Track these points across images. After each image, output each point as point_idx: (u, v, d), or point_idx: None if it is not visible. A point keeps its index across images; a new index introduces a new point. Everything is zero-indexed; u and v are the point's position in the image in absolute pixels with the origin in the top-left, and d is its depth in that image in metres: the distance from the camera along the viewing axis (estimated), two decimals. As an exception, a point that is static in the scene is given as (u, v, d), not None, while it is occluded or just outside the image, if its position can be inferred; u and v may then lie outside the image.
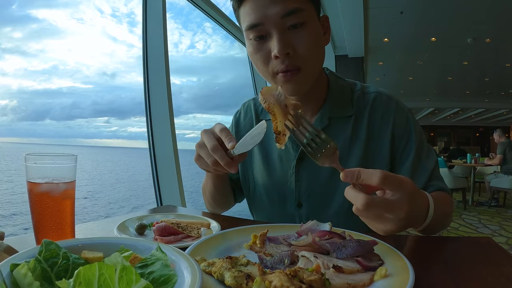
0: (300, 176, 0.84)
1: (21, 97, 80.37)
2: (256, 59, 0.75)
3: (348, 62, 5.83)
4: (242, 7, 0.73)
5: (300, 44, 0.71)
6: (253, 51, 0.75)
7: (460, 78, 8.65)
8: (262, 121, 0.63)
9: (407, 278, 0.41)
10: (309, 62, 0.74)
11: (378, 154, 0.81)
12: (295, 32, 0.71)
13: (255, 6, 0.70)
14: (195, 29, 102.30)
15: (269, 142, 0.89)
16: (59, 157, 0.56)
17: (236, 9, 0.76)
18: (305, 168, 0.84)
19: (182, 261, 0.39)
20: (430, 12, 4.42)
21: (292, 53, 0.71)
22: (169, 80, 2.16)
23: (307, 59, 0.73)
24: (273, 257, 0.48)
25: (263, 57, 0.73)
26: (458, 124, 19.47)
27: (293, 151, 0.85)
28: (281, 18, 0.69)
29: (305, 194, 0.84)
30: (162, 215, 0.76)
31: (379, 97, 0.83)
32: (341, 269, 0.44)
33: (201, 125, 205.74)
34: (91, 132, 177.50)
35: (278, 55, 0.70)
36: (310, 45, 0.72)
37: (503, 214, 4.94)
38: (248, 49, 0.77)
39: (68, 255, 0.37)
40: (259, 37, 0.72)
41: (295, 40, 0.71)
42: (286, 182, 0.86)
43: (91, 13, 54.21)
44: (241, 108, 1.02)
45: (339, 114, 0.83)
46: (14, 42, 70.31)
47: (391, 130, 0.80)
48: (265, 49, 0.73)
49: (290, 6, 0.69)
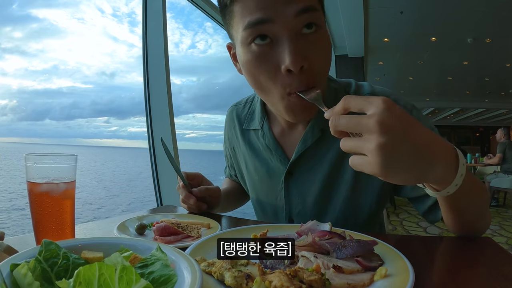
0: (290, 192, 0.78)
1: (21, 97, 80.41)
2: (258, 73, 0.58)
3: (348, 62, 5.83)
4: (238, 2, 0.57)
5: (314, 55, 0.57)
6: (254, 61, 0.57)
7: (460, 78, 8.64)
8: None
9: (407, 278, 0.41)
10: (324, 78, 0.61)
11: None
12: (308, 39, 0.56)
13: (260, 0, 0.55)
14: (196, 29, 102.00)
15: (258, 151, 0.83)
16: (59, 157, 0.56)
17: (228, 4, 0.59)
18: (294, 183, 0.77)
19: (182, 261, 0.39)
20: (430, 12, 4.42)
21: (306, 67, 0.56)
22: (169, 80, 2.16)
23: (322, 74, 0.60)
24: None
25: (269, 70, 0.57)
26: (458, 124, 19.45)
27: (281, 165, 0.78)
28: (294, 17, 0.55)
29: (295, 210, 0.78)
30: (162, 215, 0.76)
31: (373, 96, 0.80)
32: (341, 269, 0.44)
33: (200, 125, 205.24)
34: (91, 132, 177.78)
35: (292, 68, 0.54)
36: (325, 56, 0.59)
37: (503, 214, 4.94)
38: (245, 57, 0.59)
39: (68, 255, 0.37)
40: (262, 37, 0.56)
41: (308, 48, 0.56)
42: (276, 197, 0.81)
43: (92, 12, 54.25)
44: (227, 114, 0.94)
45: None
46: (14, 42, 70.19)
47: None
48: (271, 60, 0.57)
49: (304, 3, 0.55)
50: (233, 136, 0.91)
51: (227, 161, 1.03)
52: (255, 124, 0.82)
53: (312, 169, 0.75)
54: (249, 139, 0.85)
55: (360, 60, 5.87)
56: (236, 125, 0.88)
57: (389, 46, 5.94)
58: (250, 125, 0.85)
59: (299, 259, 0.48)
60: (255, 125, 0.82)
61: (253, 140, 0.84)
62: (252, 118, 0.85)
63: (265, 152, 0.81)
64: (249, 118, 0.85)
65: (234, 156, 0.94)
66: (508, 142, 5.34)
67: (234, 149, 0.93)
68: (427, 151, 0.42)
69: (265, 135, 0.79)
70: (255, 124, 0.82)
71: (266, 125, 0.80)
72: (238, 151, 0.91)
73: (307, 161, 0.75)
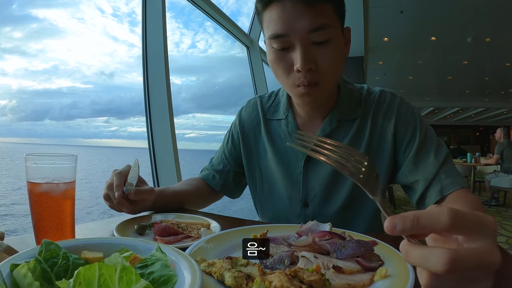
0: (307, 177, 0.85)
1: (21, 97, 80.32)
2: (277, 68, 0.75)
3: (348, 61, 5.67)
4: (267, 11, 0.72)
5: (323, 61, 0.71)
6: (275, 60, 0.75)
7: (460, 78, 8.65)
8: (135, 159, 0.73)
9: (407, 279, 0.41)
10: (328, 77, 0.74)
11: (380, 148, 0.82)
12: (319, 48, 0.70)
13: (282, 14, 0.69)
14: (196, 29, 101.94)
15: (280, 140, 0.90)
16: (59, 157, 0.56)
17: (260, 11, 0.74)
18: (312, 168, 0.85)
19: (182, 261, 0.39)
20: (430, 11, 4.43)
21: (314, 68, 0.71)
22: (168, 79, 2.16)
23: (327, 75, 0.73)
24: (273, 258, 0.48)
25: (285, 68, 0.73)
26: (458, 124, 19.46)
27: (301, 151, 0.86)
28: (307, 33, 0.68)
29: (311, 194, 0.85)
30: (162, 215, 0.76)
31: (383, 94, 0.85)
32: (341, 270, 0.44)
33: (200, 124, 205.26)
34: (91, 132, 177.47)
35: (301, 69, 0.70)
36: (332, 62, 0.72)
37: (503, 214, 4.95)
38: (269, 57, 0.77)
39: (68, 255, 0.37)
40: (283, 48, 0.72)
41: (318, 55, 0.70)
42: (293, 182, 0.87)
43: (92, 12, 53.73)
44: (247, 104, 1.01)
45: (347, 117, 0.84)
46: (14, 42, 70.19)
47: (394, 123, 0.81)
48: (287, 60, 0.72)
49: (319, 22, 0.68)
50: (253, 124, 0.96)
51: (222, 156, 1.01)
52: (280, 114, 0.91)
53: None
54: (271, 128, 0.93)
55: (360, 59, 5.88)
56: (259, 114, 0.95)
57: (389, 45, 5.95)
58: (274, 115, 0.93)
59: (299, 259, 0.48)
60: (279, 115, 0.91)
61: (275, 129, 0.92)
62: (276, 110, 0.93)
63: (286, 139, 0.89)
64: (273, 109, 0.94)
65: (246, 147, 0.95)
66: (506, 142, 5.33)
67: (249, 138, 0.95)
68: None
69: (288, 124, 0.88)
70: (280, 114, 0.91)
71: (290, 115, 0.89)
72: (256, 139, 0.95)
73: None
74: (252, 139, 0.95)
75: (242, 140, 0.96)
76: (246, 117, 0.98)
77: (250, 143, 0.96)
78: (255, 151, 0.95)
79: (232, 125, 1.01)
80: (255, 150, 0.95)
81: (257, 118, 0.96)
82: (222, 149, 1.02)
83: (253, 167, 0.95)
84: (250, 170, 0.96)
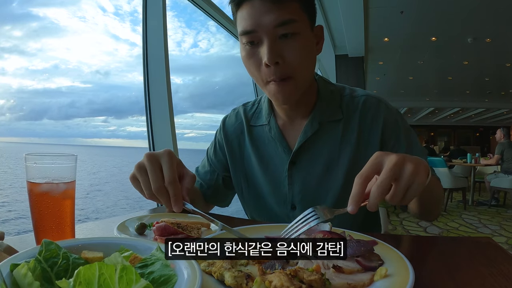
0: (293, 180, 0.85)
1: (20, 96, 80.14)
2: (249, 64, 0.77)
3: (348, 61, 5.83)
4: (239, 11, 0.75)
5: (289, 54, 0.72)
6: (246, 56, 0.77)
7: (460, 78, 8.64)
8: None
9: (407, 278, 0.41)
10: (299, 72, 0.75)
11: (368, 154, 0.80)
12: (286, 42, 0.72)
13: (251, 12, 0.72)
14: (198, 28, 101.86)
15: (264, 145, 0.90)
16: (59, 157, 0.56)
17: (234, 12, 0.78)
18: (297, 171, 0.85)
19: (182, 261, 0.39)
20: (430, 12, 4.42)
21: (281, 62, 0.72)
22: (169, 79, 2.15)
23: (297, 69, 0.75)
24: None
25: (255, 63, 0.75)
26: (458, 124, 19.45)
27: (285, 155, 0.86)
28: (274, 27, 0.71)
29: (298, 197, 0.85)
30: (162, 215, 0.76)
31: (368, 100, 0.84)
32: (341, 269, 0.44)
33: (199, 124, 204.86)
34: (90, 131, 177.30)
35: (268, 63, 0.72)
36: (299, 55, 0.74)
37: (503, 214, 4.94)
38: (242, 53, 0.79)
39: (68, 255, 0.37)
40: (251, 42, 0.74)
41: (285, 49, 0.72)
42: (280, 185, 0.87)
43: (93, 11, 53.89)
44: (231, 113, 1.01)
45: (328, 118, 0.84)
46: (13, 41, 69.92)
47: (381, 131, 0.82)
48: (257, 56, 0.74)
49: (284, 17, 0.70)
50: (237, 132, 0.96)
51: (208, 165, 1.00)
52: (262, 120, 0.92)
53: (312, 158, 0.85)
54: (254, 134, 0.93)
55: (360, 59, 5.87)
56: (243, 121, 0.96)
57: (389, 45, 5.94)
58: (257, 121, 0.94)
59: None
60: (262, 121, 0.92)
61: (259, 135, 0.92)
62: (259, 116, 0.95)
63: (270, 144, 0.90)
64: (256, 116, 0.95)
65: (231, 154, 0.95)
66: (506, 142, 5.33)
67: (232, 145, 0.95)
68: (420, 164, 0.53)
69: (271, 129, 0.89)
70: (262, 120, 0.92)
71: (272, 120, 0.89)
72: (240, 146, 0.94)
73: (308, 150, 0.85)
74: (236, 146, 0.95)
75: (226, 146, 0.96)
76: (230, 125, 0.98)
77: (234, 150, 0.95)
78: (240, 157, 0.95)
79: (217, 132, 1.02)
80: (240, 157, 0.95)
81: (240, 126, 0.96)
82: (210, 157, 1.00)
83: (238, 173, 0.95)
84: (236, 177, 0.95)
